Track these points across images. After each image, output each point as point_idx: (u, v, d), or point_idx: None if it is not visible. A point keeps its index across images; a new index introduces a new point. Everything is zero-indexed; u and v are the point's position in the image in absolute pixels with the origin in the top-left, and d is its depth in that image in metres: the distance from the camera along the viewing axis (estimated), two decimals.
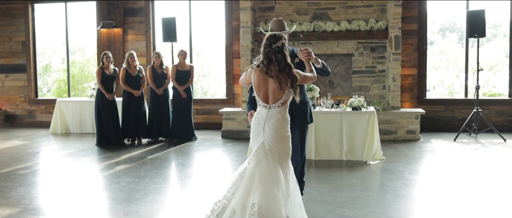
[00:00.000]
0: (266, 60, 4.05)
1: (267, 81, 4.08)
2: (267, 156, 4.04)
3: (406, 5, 10.55)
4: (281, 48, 4.03)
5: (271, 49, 4.03)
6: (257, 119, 4.17)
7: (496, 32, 14.92)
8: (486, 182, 6.25)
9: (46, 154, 8.64)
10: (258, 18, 10.96)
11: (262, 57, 4.08)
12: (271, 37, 4.08)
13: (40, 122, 12.57)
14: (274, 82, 4.04)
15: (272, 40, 4.06)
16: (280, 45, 4.04)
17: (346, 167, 7.30)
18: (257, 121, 4.16)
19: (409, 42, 10.74)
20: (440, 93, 14.27)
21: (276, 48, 4.03)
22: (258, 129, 4.15)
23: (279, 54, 4.02)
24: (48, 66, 15.74)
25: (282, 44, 4.04)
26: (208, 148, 9.05)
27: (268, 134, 4.08)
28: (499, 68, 14.16)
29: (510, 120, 10.60)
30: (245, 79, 4.29)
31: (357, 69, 10.59)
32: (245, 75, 4.27)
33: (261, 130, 4.12)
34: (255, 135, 4.17)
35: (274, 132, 4.07)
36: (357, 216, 4.83)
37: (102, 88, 9.36)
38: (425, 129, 10.62)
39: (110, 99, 9.40)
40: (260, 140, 4.11)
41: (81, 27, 14.11)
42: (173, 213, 5.06)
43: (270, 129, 4.08)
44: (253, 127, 4.21)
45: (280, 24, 4.86)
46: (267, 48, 4.05)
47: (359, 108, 7.92)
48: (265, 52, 4.06)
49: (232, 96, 11.56)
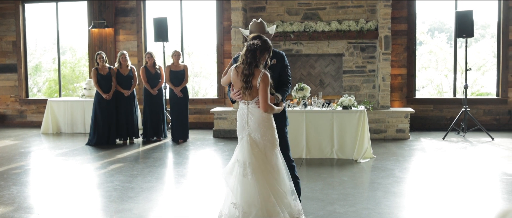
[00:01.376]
0: (242, 59, 4.21)
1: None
2: (253, 148, 4.20)
3: (395, 5, 10.68)
4: (254, 50, 4.15)
5: (248, 50, 4.19)
6: (240, 114, 4.35)
7: (484, 33, 15.10)
8: (474, 180, 6.38)
9: (38, 154, 8.65)
10: (249, 18, 11.03)
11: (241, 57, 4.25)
12: (253, 38, 4.23)
13: (31, 122, 12.55)
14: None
15: (250, 41, 4.22)
16: (255, 46, 4.17)
17: (337, 165, 7.40)
18: (241, 115, 4.34)
19: (399, 42, 10.87)
20: (429, 92, 14.42)
21: (251, 48, 4.17)
22: (242, 123, 4.32)
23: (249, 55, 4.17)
24: (38, 66, 15.69)
25: (256, 45, 4.16)
26: (200, 147, 9.11)
27: (252, 128, 4.25)
28: (487, 68, 14.34)
29: (498, 119, 10.76)
30: (226, 79, 4.47)
31: (347, 68, 10.70)
32: (226, 75, 4.46)
33: (245, 124, 4.29)
34: (241, 128, 4.34)
35: (257, 125, 4.23)
36: (348, 212, 4.92)
37: (99, 89, 9.41)
38: (414, 128, 10.76)
39: (107, 99, 9.43)
40: (245, 133, 4.28)
41: (72, 27, 14.09)
42: (167, 211, 5.11)
43: (254, 123, 4.25)
44: (238, 120, 4.39)
45: (260, 26, 4.73)
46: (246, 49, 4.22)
47: (349, 107, 8.01)
48: (244, 53, 4.21)
49: (223, 96, 11.62)
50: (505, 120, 10.71)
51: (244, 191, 4.09)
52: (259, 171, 4.11)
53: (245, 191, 4.09)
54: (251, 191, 4.08)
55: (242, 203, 4.07)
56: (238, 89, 4.28)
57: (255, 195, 4.06)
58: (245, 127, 4.27)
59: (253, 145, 4.20)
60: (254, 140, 4.21)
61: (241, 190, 4.10)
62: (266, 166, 4.16)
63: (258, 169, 4.12)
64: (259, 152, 4.19)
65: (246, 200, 4.07)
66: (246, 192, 4.09)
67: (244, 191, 4.09)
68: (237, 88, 4.29)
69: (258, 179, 4.09)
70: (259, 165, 4.13)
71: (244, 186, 4.10)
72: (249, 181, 4.09)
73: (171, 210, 5.16)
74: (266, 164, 4.17)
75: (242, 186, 4.10)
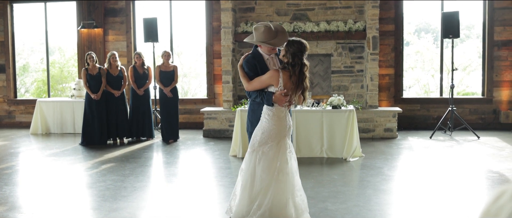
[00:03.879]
0: (293, 62, 4.31)
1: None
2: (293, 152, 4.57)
3: (383, 6, 10.82)
4: (302, 52, 4.32)
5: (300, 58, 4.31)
6: (280, 117, 4.39)
7: (469, 33, 15.33)
8: (461, 177, 6.52)
9: (29, 154, 8.64)
10: (239, 19, 11.11)
11: (291, 61, 4.29)
12: (303, 46, 4.32)
13: (19, 123, 12.50)
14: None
15: (304, 48, 4.32)
16: (303, 48, 4.33)
17: (326, 164, 7.50)
18: (280, 119, 4.40)
19: (386, 42, 11.01)
20: (416, 92, 14.61)
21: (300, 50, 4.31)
22: (282, 127, 4.42)
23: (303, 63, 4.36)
24: (25, 66, 15.62)
25: (303, 47, 4.33)
26: (190, 147, 9.17)
27: (289, 131, 4.52)
28: (473, 68, 14.57)
29: (483, 118, 10.95)
30: (261, 84, 4.41)
31: (336, 69, 10.82)
32: (265, 78, 4.37)
33: (288, 129, 4.47)
34: (279, 133, 4.41)
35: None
36: (340, 209, 5.02)
37: (88, 90, 9.44)
38: (402, 127, 10.91)
39: (96, 99, 9.46)
40: (284, 137, 4.45)
41: (61, 27, 14.05)
42: (160, 209, 5.17)
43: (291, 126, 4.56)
44: (275, 124, 4.39)
45: (269, 31, 4.42)
46: (296, 55, 4.30)
47: (339, 107, 8.12)
48: (294, 59, 4.30)
49: (213, 96, 11.68)
50: (490, 119, 10.91)
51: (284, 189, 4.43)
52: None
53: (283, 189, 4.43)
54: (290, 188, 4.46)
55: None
56: (289, 92, 4.32)
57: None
58: (286, 131, 4.44)
59: (291, 147, 4.53)
60: (290, 143, 4.53)
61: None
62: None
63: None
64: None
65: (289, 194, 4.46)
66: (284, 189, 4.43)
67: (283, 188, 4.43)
68: (289, 91, 4.32)
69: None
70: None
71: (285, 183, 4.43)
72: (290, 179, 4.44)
73: (165, 208, 5.22)
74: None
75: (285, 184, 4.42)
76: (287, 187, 4.37)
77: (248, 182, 4.38)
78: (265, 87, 4.41)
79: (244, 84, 4.50)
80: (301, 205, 4.48)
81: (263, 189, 4.33)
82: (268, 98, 4.36)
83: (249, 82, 4.45)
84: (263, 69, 4.49)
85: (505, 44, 10.80)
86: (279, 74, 4.31)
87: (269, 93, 4.37)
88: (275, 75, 4.33)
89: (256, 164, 4.37)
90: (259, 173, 4.35)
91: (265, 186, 4.33)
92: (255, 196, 4.34)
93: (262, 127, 4.41)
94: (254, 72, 4.49)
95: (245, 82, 4.49)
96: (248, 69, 4.51)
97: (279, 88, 4.31)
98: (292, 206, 4.40)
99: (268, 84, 4.37)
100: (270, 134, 4.37)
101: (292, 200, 4.41)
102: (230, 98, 10.72)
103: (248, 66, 4.52)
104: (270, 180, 4.32)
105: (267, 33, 4.38)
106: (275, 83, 4.32)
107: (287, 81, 4.31)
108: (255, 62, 4.51)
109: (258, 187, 4.34)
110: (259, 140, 4.39)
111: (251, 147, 4.45)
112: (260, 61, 4.52)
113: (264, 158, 4.36)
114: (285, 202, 4.35)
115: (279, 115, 4.38)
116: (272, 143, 4.37)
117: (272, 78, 4.33)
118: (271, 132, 4.37)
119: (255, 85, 4.42)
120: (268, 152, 4.36)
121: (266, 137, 4.37)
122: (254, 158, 4.39)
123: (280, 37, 4.40)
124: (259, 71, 4.48)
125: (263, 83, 4.38)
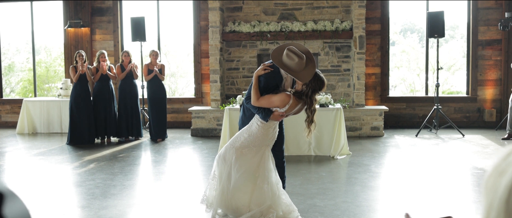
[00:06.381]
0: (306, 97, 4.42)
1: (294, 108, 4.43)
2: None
3: (369, 6, 10.92)
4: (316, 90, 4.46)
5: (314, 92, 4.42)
6: (271, 127, 4.49)
7: (453, 33, 15.53)
8: (446, 173, 6.63)
9: (16, 154, 8.60)
10: (227, 18, 11.14)
11: (310, 95, 4.40)
12: (324, 86, 4.48)
13: (5, 123, 12.39)
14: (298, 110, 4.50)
15: (320, 86, 4.44)
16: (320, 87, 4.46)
17: (314, 162, 7.57)
18: (268, 129, 4.47)
19: (373, 42, 11.12)
20: (402, 91, 14.76)
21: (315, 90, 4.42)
22: (268, 137, 4.51)
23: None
24: (11, 66, 15.49)
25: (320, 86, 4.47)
26: (178, 146, 9.19)
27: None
28: (457, 67, 14.75)
29: (468, 116, 11.11)
30: (272, 103, 4.37)
31: (323, 68, 10.90)
32: (275, 99, 4.35)
33: (272, 139, 4.55)
34: (262, 142, 4.49)
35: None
36: (328, 205, 5.09)
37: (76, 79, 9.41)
38: (388, 126, 11.02)
39: (81, 73, 9.40)
40: (266, 146, 4.53)
41: (47, 27, 13.96)
42: (150, 207, 5.20)
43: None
44: (262, 134, 4.46)
45: (301, 63, 4.34)
46: (316, 91, 4.43)
47: (326, 105, 8.20)
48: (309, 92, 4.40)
49: (200, 95, 11.70)
50: (475, 118, 11.07)
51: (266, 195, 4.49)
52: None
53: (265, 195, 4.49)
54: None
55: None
56: (290, 112, 4.44)
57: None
58: (270, 142, 4.53)
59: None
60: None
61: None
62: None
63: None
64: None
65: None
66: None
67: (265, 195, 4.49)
68: (290, 112, 4.44)
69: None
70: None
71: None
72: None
73: (154, 205, 5.24)
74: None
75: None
76: (270, 196, 4.44)
77: (223, 175, 4.50)
78: (271, 107, 4.40)
79: (252, 97, 4.38)
80: (288, 207, 4.55)
81: (240, 192, 4.44)
82: (266, 115, 4.38)
83: (258, 98, 4.36)
84: (279, 85, 4.51)
85: (489, 44, 10.96)
86: (289, 100, 4.33)
87: (269, 111, 4.39)
88: (286, 100, 4.32)
89: (233, 162, 4.45)
90: (234, 173, 4.45)
91: (242, 189, 4.43)
92: (231, 196, 4.46)
93: (250, 130, 4.48)
94: (268, 88, 4.44)
95: (254, 95, 4.37)
96: (265, 84, 4.41)
97: (282, 109, 4.35)
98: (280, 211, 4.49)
99: (276, 106, 4.36)
100: (255, 140, 4.44)
101: (280, 207, 4.49)
102: (218, 97, 10.75)
103: (266, 81, 4.41)
104: (246, 185, 4.43)
105: (298, 66, 4.28)
106: (282, 107, 4.34)
107: (293, 106, 4.37)
108: (276, 82, 4.47)
109: (231, 185, 4.45)
110: (243, 140, 4.46)
111: (233, 144, 4.52)
112: (280, 80, 4.49)
113: (242, 159, 4.44)
114: (267, 210, 4.41)
115: (270, 125, 4.45)
116: (254, 148, 4.45)
117: (282, 102, 4.32)
118: (256, 138, 4.44)
119: (262, 104, 4.36)
120: (247, 154, 4.44)
121: (250, 141, 4.44)
122: (232, 155, 4.48)
123: (308, 70, 4.36)
124: (274, 86, 4.47)
125: (271, 104, 4.35)
